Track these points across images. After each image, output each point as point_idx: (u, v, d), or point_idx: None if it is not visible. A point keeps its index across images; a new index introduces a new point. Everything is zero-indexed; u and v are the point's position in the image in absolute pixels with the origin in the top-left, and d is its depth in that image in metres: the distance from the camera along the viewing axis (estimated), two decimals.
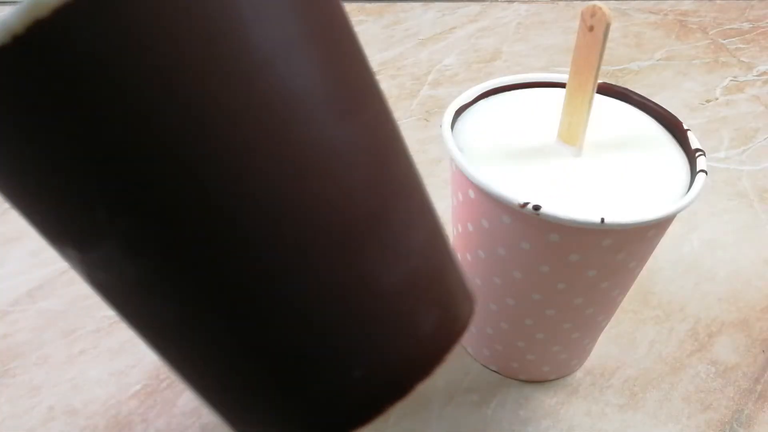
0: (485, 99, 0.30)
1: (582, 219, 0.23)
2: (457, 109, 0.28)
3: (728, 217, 0.42)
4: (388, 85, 0.55)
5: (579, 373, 0.32)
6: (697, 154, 0.26)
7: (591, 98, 0.25)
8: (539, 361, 0.30)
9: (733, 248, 0.40)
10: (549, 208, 0.23)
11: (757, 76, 0.58)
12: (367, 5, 0.70)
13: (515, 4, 0.71)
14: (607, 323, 0.30)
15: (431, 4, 0.70)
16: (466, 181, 0.26)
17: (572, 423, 0.30)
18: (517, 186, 0.24)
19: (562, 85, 0.30)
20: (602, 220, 0.23)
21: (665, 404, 0.31)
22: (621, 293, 0.28)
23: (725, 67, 0.59)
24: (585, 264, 0.25)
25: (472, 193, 0.26)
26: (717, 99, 0.54)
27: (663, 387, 0.32)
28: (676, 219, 0.42)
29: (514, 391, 0.31)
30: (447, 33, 0.64)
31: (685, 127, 0.28)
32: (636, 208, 0.24)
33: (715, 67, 0.59)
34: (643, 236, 0.25)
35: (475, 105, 0.29)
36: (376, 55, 0.60)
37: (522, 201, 0.23)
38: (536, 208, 0.23)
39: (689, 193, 0.25)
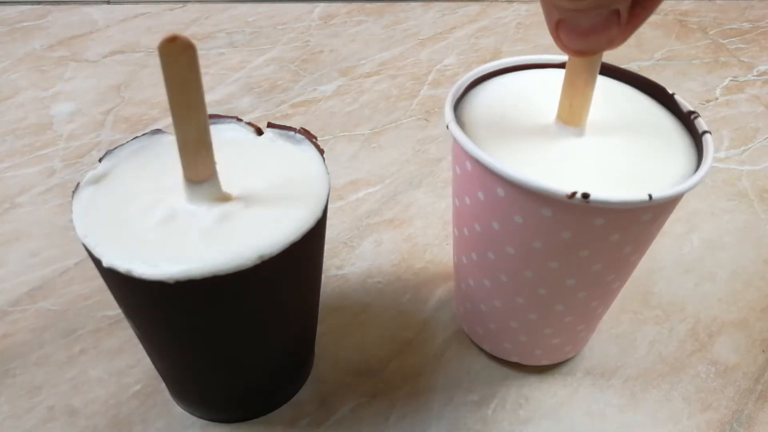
0: (485, 82, 0.29)
1: (563, 192, 0.22)
2: (458, 92, 0.28)
3: (728, 217, 0.42)
4: (388, 85, 0.55)
5: (579, 373, 0.32)
6: (692, 116, 0.26)
7: (595, 77, 0.25)
8: (531, 344, 0.30)
9: (733, 248, 0.40)
10: (537, 180, 0.23)
11: (757, 76, 0.58)
12: (367, 5, 0.70)
13: (515, 4, 0.71)
14: (603, 311, 0.30)
15: (431, 4, 0.70)
16: (463, 154, 0.26)
17: (572, 423, 0.30)
18: (518, 165, 0.24)
19: (561, 66, 0.29)
20: (585, 195, 0.22)
21: (665, 404, 0.31)
22: (617, 279, 0.28)
23: (725, 67, 0.59)
24: (577, 243, 0.25)
25: (468, 165, 0.26)
26: (717, 99, 0.54)
27: (663, 387, 0.32)
28: (676, 219, 0.42)
29: (514, 391, 0.31)
30: (447, 33, 0.64)
31: (670, 91, 0.27)
32: (636, 188, 0.24)
33: (715, 67, 0.59)
34: (637, 219, 0.24)
35: (474, 89, 0.29)
36: (376, 55, 0.60)
37: (515, 174, 0.23)
38: (527, 181, 0.23)
39: (687, 181, 0.24)
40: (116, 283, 0.24)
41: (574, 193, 0.22)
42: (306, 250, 0.25)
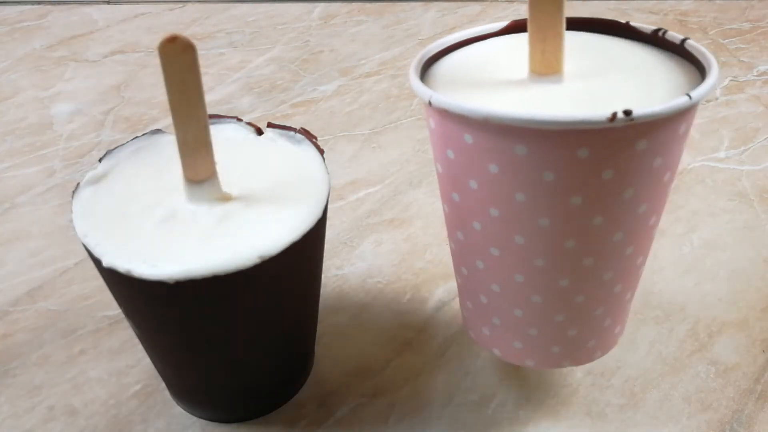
0: (447, 56, 0.27)
1: (603, 116, 0.19)
2: (418, 72, 0.25)
3: (728, 217, 0.42)
4: (388, 85, 0.55)
5: (579, 373, 0.32)
6: (660, 32, 0.24)
7: (564, 12, 0.23)
8: (584, 336, 0.26)
9: (733, 248, 0.40)
10: (571, 114, 0.20)
11: (757, 76, 0.58)
12: (367, 5, 0.70)
13: (515, 4, 0.71)
14: (642, 267, 0.26)
15: (431, 4, 0.70)
16: (458, 130, 0.22)
17: (572, 423, 0.30)
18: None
19: (518, 28, 0.27)
20: (627, 113, 0.19)
21: (665, 404, 0.31)
22: (657, 221, 0.24)
23: (725, 67, 0.59)
24: (620, 181, 0.21)
25: (469, 139, 0.22)
26: (717, 99, 0.54)
27: (663, 387, 0.32)
28: (676, 219, 0.42)
29: (514, 391, 0.31)
30: (447, 33, 0.64)
31: (626, 21, 0.26)
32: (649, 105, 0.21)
33: None
34: (674, 134, 0.21)
35: (430, 68, 0.27)
36: (376, 55, 0.60)
37: (544, 116, 0.20)
38: (559, 119, 0.20)
39: (710, 77, 0.21)
40: (116, 283, 0.24)
41: (614, 114, 0.19)
42: (306, 250, 0.25)
